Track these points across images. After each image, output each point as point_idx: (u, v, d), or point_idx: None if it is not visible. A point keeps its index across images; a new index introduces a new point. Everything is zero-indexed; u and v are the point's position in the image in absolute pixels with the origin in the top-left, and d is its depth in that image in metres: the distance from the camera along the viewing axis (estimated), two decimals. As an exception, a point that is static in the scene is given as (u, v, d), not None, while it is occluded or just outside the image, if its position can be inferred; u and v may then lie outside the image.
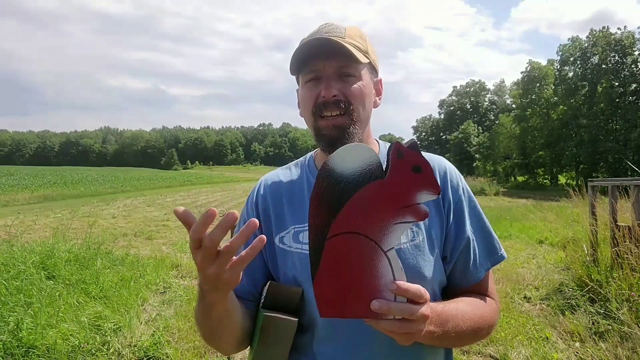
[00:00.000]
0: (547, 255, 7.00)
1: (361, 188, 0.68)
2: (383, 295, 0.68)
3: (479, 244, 0.96)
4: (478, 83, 59.23)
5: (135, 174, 52.17)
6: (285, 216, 0.96)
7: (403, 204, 0.68)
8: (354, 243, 0.68)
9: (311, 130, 0.95)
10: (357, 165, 0.68)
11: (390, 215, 0.68)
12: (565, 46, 36.28)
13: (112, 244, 6.80)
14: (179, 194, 23.52)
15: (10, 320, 3.31)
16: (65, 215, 12.05)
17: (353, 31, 0.93)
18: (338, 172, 0.68)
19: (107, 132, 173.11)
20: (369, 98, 0.95)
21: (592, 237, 5.02)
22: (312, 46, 0.89)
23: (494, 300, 0.97)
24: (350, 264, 0.68)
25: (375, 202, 0.68)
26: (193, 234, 0.62)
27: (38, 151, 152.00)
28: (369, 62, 0.94)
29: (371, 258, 0.68)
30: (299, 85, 0.99)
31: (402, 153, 0.68)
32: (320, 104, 0.90)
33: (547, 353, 3.35)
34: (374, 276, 0.68)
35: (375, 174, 0.68)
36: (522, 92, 40.14)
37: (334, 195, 0.68)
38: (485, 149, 45.60)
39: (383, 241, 0.68)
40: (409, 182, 0.68)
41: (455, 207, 0.94)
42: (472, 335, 0.89)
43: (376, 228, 0.68)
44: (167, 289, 5.09)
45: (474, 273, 0.94)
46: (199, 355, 3.45)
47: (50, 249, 4.96)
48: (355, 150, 0.69)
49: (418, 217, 0.68)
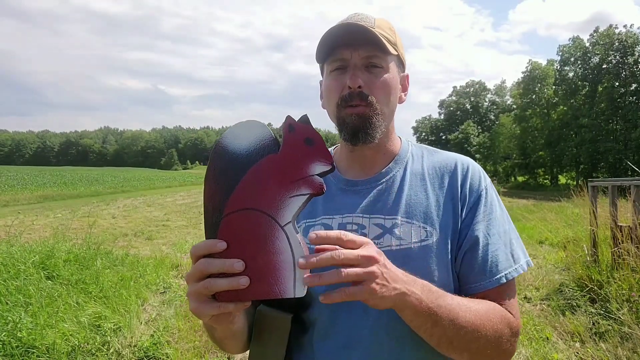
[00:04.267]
0: (548, 255, 6.99)
1: (255, 164, 0.67)
2: (282, 272, 0.65)
3: (491, 249, 0.86)
4: (478, 83, 59.26)
5: (135, 174, 52.17)
6: None
7: (297, 177, 0.66)
8: (249, 219, 0.66)
9: (334, 121, 0.93)
10: (250, 141, 0.67)
11: (284, 189, 0.66)
12: (565, 46, 36.30)
13: (112, 244, 6.80)
14: (179, 194, 23.51)
15: (10, 320, 3.31)
16: (65, 215, 12.05)
17: (383, 22, 0.90)
18: (231, 149, 0.67)
19: (107, 132, 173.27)
20: (394, 92, 0.92)
21: (592, 237, 5.02)
22: (340, 32, 0.86)
23: (509, 312, 0.84)
24: (247, 241, 0.66)
25: (268, 177, 0.66)
26: (195, 250, 0.67)
27: (38, 151, 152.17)
28: (397, 55, 0.91)
29: (268, 233, 0.65)
30: (323, 74, 0.95)
31: (293, 127, 0.67)
32: (345, 95, 0.87)
33: (547, 353, 3.35)
34: (272, 252, 0.65)
35: (269, 149, 0.67)
36: (523, 92, 40.16)
37: (229, 173, 0.67)
38: (486, 149, 45.66)
39: (279, 215, 0.66)
40: (302, 155, 0.66)
41: (470, 206, 0.89)
42: (472, 333, 0.77)
43: (271, 202, 0.66)
44: (167, 289, 5.08)
45: (480, 280, 0.85)
46: (199, 355, 3.44)
47: (50, 249, 4.95)
48: (248, 126, 0.67)
49: (313, 189, 0.66)
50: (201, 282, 0.66)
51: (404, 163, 0.96)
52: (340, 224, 0.90)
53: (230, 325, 0.78)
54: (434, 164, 0.95)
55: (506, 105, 54.28)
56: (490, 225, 0.88)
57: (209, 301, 0.67)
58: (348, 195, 0.93)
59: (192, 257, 0.68)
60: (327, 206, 0.93)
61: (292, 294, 0.65)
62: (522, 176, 41.66)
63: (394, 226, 0.87)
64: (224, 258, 0.65)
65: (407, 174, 0.94)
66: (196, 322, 4.01)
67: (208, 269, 0.65)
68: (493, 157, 44.84)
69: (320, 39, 0.88)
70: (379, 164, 0.95)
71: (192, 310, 0.68)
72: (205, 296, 0.67)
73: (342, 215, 0.90)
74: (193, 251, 0.67)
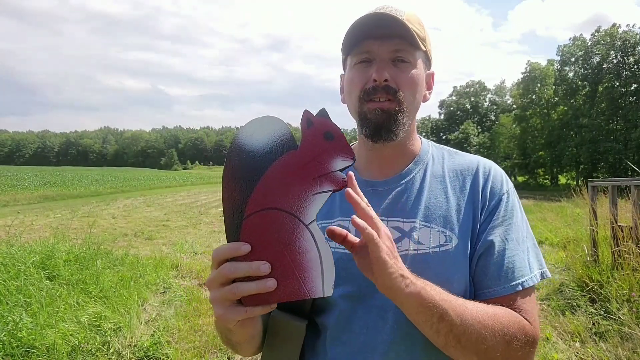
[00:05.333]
0: (548, 255, 6.99)
1: (274, 161, 0.64)
2: (310, 271, 0.63)
3: (508, 254, 0.82)
4: (478, 83, 59.19)
5: (135, 174, 52.17)
6: None
7: (318, 173, 0.64)
8: (273, 219, 0.63)
9: (355, 117, 0.89)
10: (267, 138, 0.64)
11: (307, 186, 0.63)
12: (566, 46, 36.27)
13: (112, 244, 6.79)
14: (179, 194, 23.51)
15: (10, 320, 3.30)
16: (65, 215, 12.05)
17: (413, 17, 0.86)
18: (248, 147, 0.64)
19: (107, 133, 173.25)
20: (420, 89, 0.88)
21: (592, 237, 5.02)
22: (370, 22, 0.82)
23: (525, 319, 0.79)
24: (271, 242, 0.63)
25: (290, 174, 0.64)
26: (218, 254, 0.65)
27: (38, 151, 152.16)
28: (425, 51, 0.88)
29: (293, 233, 0.63)
30: (345, 68, 0.91)
31: (311, 121, 0.64)
32: (369, 88, 0.83)
33: (547, 353, 3.35)
34: (298, 252, 0.63)
35: (288, 145, 0.64)
36: (522, 92, 40.15)
37: (247, 171, 0.64)
38: (486, 149, 45.63)
39: (303, 214, 0.63)
40: (322, 150, 0.64)
41: (489, 210, 0.86)
42: (480, 331, 0.73)
43: (294, 201, 0.63)
44: (167, 289, 5.08)
45: (494, 285, 0.81)
46: (199, 355, 3.44)
47: (50, 249, 4.95)
48: (264, 122, 0.65)
49: (336, 185, 0.64)
50: (227, 287, 0.64)
51: (425, 164, 0.93)
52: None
53: (250, 329, 0.77)
54: (455, 167, 0.92)
55: (506, 105, 54.22)
56: (508, 230, 0.85)
57: (235, 306, 0.65)
58: (366, 196, 0.89)
59: (214, 261, 0.66)
60: (344, 207, 0.89)
61: (322, 293, 0.64)
62: (522, 176, 41.64)
63: (413, 230, 0.84)
64: (248, 261, 0.63)
65: (427, 176, 0.91)
66: (196, 322, 4.01)
67: (234, 273, 0.63)
68: (493, 157, 44.71)
69: (348, 28, 0.84)
70: (398, 164, 0.92)
71: (218, 316, 0.66)
72: (231, 301, 0.65)
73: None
74: (215, 255, 0.65)
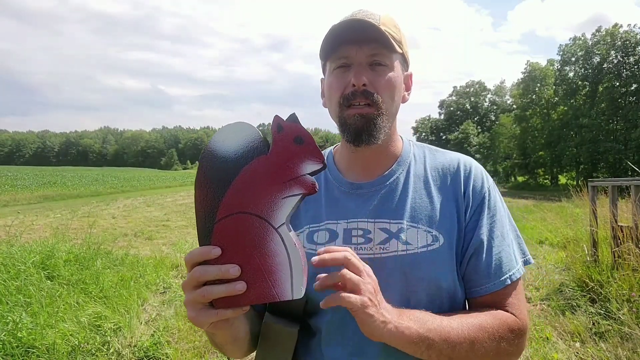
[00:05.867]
0: (548, 255, 6.99)
1: (245, 166, 0.65)
2: (279, 274, 0.64)
3: (495, 252, 0.86)
4: (478, 83, 59.18)
5: (135, 174, 52.17)
6: (299, 216, 0.92)
7: (288, 177, 0.65)
8: (243, 223, 0.65)
9: (336, 121, 0.90)
10: (238, 143, 0.65)
11: (276, 190, 0.65)
12: (567, 46, 36.26)
13: (112, 244, 6.79)
14: (179, 194, 23.49)
15: (10, 320, 3.30)
16: (65, 215, 12.04)
17: (388, 19, 0.87)
18: (219, 153, 0.65)
19: (107, 133, 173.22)
20: (398, 91, 0.89)
21: (592, 237, 5.02)
22: (344, 29, 0.83)
23: (512, 314, 0.85)
24: (241, 246, 0.65)
25: (259, 179, 0.65)
26: (189, 258, 0.66)
27: (38, 151, 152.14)
28: (401, 53, 0.89)
29: (262, 236, 0.65)
30: (325, 73, 0.93)
31: (282, 126, 0.66)
32: (348, 93, 0.84)
33: (547, 353, 3.35)
34: (267, 255, 0.64)
35: (258, 150, 0.65)
36: (522, 92, 40.14)
37: (218, 177, 0.65)
38: (486, 149, 45.64)
39: (272, 217, 0.65)
40: (292, 154, 0.65)
41: (474, 209, 0.88)
42: (468, 347, 0.78)
43: (264, 205, 0.65)
44: (167, 289, 5.08)
45: (485, 283, 0.85)
46: (199, 355, 3.44)
47: (50, 249, 4.95)
48: (235, 128, 0.66)
49: (305, 188, 0.65)
50: (197, 290, 0.65)
51: (407, 164, 0.94)
52: (345, 230, 0.88)
53: (230, 330, 0.78)
54: (437, 165, 0.94)
55: (506, 105, 54.23)
56: (493, 228, 0.88)
57: (206, 309, 0.66)
58: (352, 198, 0.91)
59: (187, 265, 0.67)
60: (331, 210, 0.90)
61: (290, 296, 0.65)
62: (522, 176, 41.62)
63: (400, 231, 0.86)
64: (219, 264, 0.64)
65: (411, 176, 0.92)
66: (196, 322, 4.01)
67: (204, 276, 0.64)
68: (493, 157, 44.80)
69: (326, 34, 0.85)
70: (381, 166, 0.93)
71: (190, 319, 0.68)
72: (203, 304, 0.66)
73: (347, 220, 0.88)
74: (187, 259, 0.66)
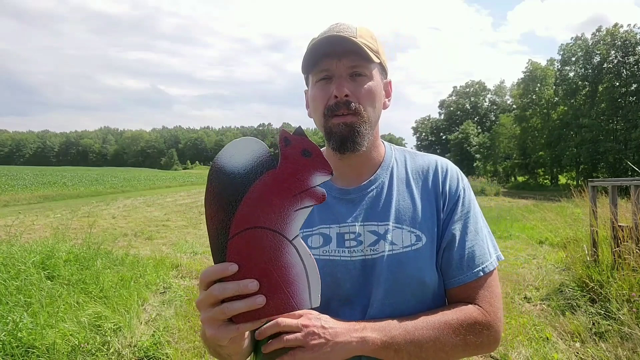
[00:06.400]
0: (548, 255, 6.99)
1: (255, 181, 0.66)
2: (297, 285, 0.66)
3: (468, 245, 0.92)
4: (478, 83, 59.20)
5: (135, 174, 52.17)
6: None
7: (299, 190, 0.66)
8: (258, 237, 0.66)
9: (321, 130, 0.94)
10: (246, 159, 0.66)
11: (288, 203, 0.66)
12: (567, 46, 36.24)
13: (112, 244, 6.79)
14: (179, 194, 23.51)
15: (10, 320, 3.31)
16: (65, 215, 12.05)
17: (364, 31, 0.92)
18: (228, 169, 0.66)
19: (107, 132, 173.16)
20: (379, 99, 0.95)
21: (592, 237, 5.02)
22: (324, 44, 0.88)
23: (479, 307, 0.89)
24: (257, 260, 0.66)
25: (271, 193, 0.66)
26: (205, 276, 0.67)
27: (38, 151, 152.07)
28: (379, 62, 0.93)
29: (278, 250, 0.66)
30: (308, 85, 0.98)
31: (289, 140, 0.67)
32: (332, 104, 0.89)
33: (547, 353, 3.35)
34: (284, 267, 0.66)
35: (267, 164, 0.67)
36: (523, 92, 40.13)
37: (229, 193, 0.66)
38: (486, 149, 45.62)
39: (287, 230, 0.66)
40: (301, 167, 0.67)
41: (450, 207, 0.95)
42: (434, 345, 0.83)
43: (277, 218, 0.66)
44: (167, 289, 5.08)
45: (458, 274, 0.91)
46: (199, 355, 3.44)
47: (50, 249, 4.95)
48: (243, 144, 0.67)
49: (316, 200, 0.67)
50: (217, 308, 0.66)
51: (390, 168, 0.99)
52: (338, 234, 0.92)
53: (243, 342, 0.79)
54: (417, 168, 1.00)
55: (506, 105, 54.24)
56: (467, 223, 0.94)
57: (225, 325, 0.67)
58: (342, 203, 0.95)
59: (202, 283, 0.67)
60: (323, 215, 0.94)
61: (309, 305, 0.66)
62: (522, 176, 41.60)
63: (387, 232, 0.91)
64: (236, 280, 0.65)
65: (394, 179, 0.98)
66: (196, 322, 4.01)
67: (223, 294, 0.65)
68: (493, 157, 44.76)
69: (306, 50, 0.91)
70: (366, 171, 0.99)
71: (210, 336, 0.68)
72: (222, 321, 0.67)
73: (340, 224, 0.93)
74: (203, 277, 0.67)
